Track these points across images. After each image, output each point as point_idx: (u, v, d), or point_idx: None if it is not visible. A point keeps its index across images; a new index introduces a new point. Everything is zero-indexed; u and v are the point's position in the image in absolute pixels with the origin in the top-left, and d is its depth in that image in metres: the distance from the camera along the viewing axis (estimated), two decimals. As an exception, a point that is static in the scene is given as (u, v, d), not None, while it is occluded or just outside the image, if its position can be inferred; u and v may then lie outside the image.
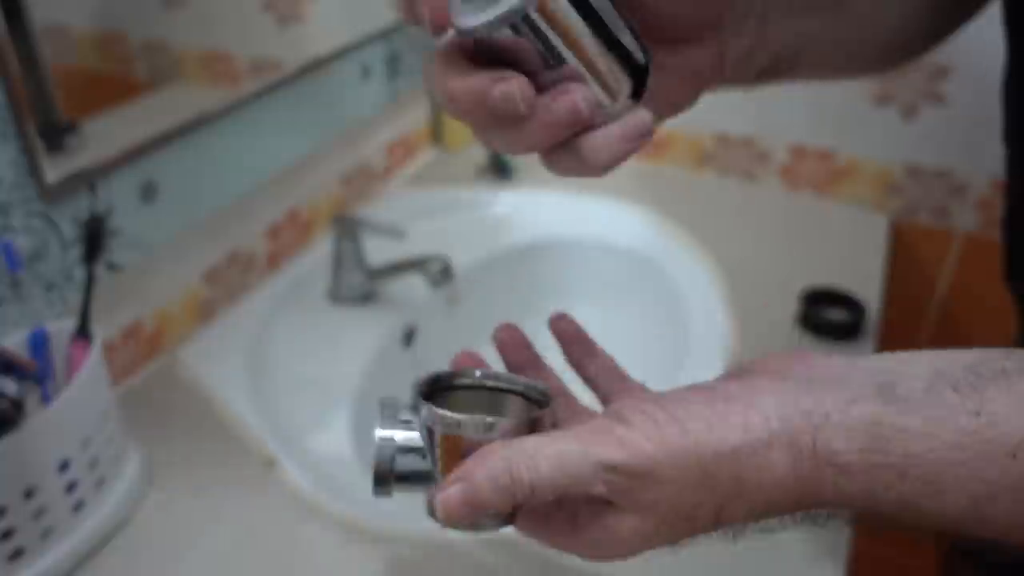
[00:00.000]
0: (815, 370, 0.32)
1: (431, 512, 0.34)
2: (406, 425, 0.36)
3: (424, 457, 0.35)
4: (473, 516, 0.32)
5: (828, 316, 0.81)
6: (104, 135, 0.65)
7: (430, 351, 0.91)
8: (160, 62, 0.72)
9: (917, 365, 0.30)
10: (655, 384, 0.40)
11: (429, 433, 0.35)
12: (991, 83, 0.93)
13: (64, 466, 0.54)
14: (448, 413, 0.34)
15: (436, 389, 0.38)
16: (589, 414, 0.38)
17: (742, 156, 1.09)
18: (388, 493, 0.36)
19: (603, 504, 0.32)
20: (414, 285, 0.87)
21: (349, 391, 0.75)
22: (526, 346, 0.40)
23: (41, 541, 0.54)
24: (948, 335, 1.08)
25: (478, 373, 0.39)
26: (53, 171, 0.60)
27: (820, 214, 1.04)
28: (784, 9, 0.45)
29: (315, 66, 0.86)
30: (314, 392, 0.75)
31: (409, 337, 0.88)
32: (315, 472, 0.66)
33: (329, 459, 0.68)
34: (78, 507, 0.56)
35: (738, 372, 0.35)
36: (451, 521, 0.32)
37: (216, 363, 0.76)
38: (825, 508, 0.31)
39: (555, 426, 0.36)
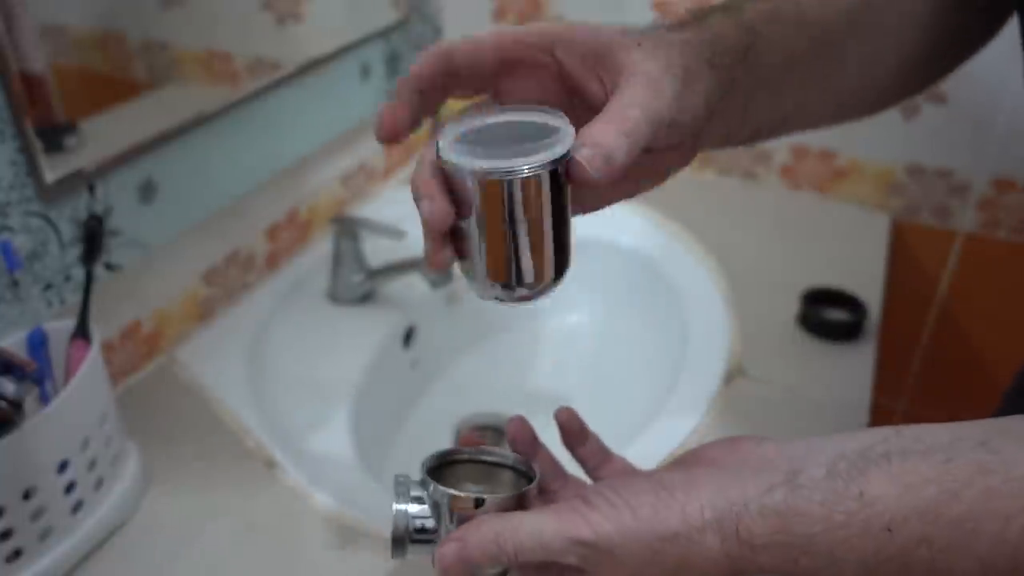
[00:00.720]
0: (746, 459, 0.40)
1: (435, 565, 0.41)
2: (416, 500, 0.44)
3: (432, 524, 0.43)
4: (467, 572, 0.39)
5: (829, 316, 0.81)
6: (103, 135, 0.65)
7: (430, 351, 0.91)
8: (159, 62, 0.72)
9: (821, 453, 0.36)
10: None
11: (435, 505, 0.43)
12: (991, 83, 0.93)
13: (63, 466, 0.54)
14: (450, 490, 0.42)
15: (441, 464, 0.47)
16: (581, 484, 0.47)
17: (743, 155, 1.08)
18: (403, 555, 0.43)
19: (578, 571, 0.39)
20: (414, 285, 0.87)
21: (349, 391, 0.75)
22: (532, 438, 0.47)
23: (40, 542, 0.54)
24: (948, 335, 1.08)
25: (474, 449, 0.47)
26: (52, 171, 0.60)
27: (821, 214, 1.04)
28: (767, 93, 0.47)
29: (314, 66, 0.86)
30: (314, 392, 0.75)
31: (408, 337, 0.88)
32: (315, 472, 0.66)
33: (329, 459, 0.68)
34: (77, 507, 0.56)
35: (682, 461, 0.43)
36: (447, 574, 0.40)
37: (215, 363, 0.76)
38: None
39: (543, 493, 0.46)
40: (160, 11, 0.71)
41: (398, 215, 0.92)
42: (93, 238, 0.63)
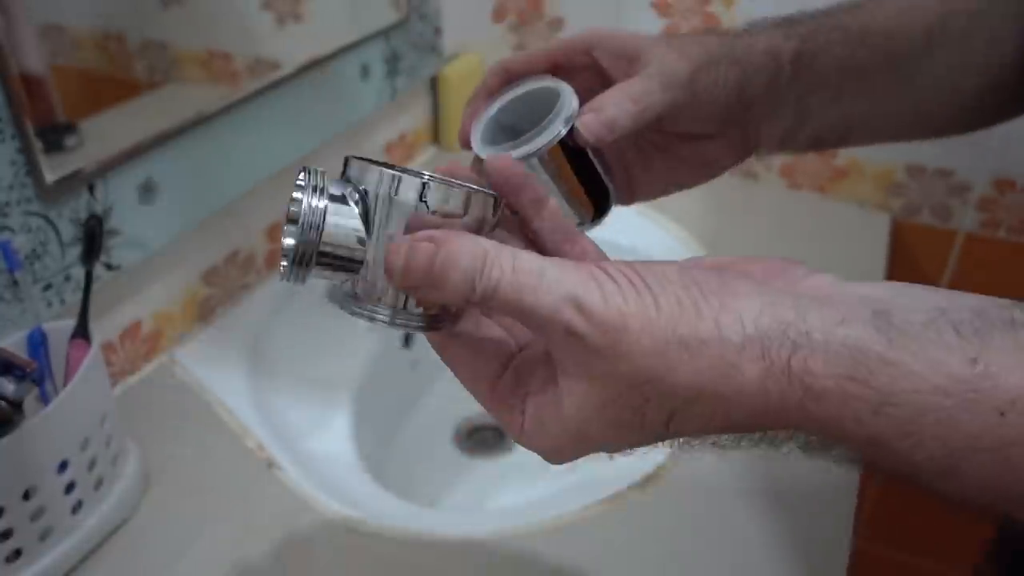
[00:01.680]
0: (801, 286, 0.30)
1: (351, 290, 0.31)
2: (336, 200, 0.31)
3: (356, 230, 0.30)
4: (424, 285, 0.29)
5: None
6: (103, 135, 0.65)
7: (430, 351, 0.91)
8: (159, 62, 0.72)
9: (918, 299, 0.29)
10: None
11: (373, 202, 0.30)
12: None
13: (63, 466, 0.54)
14: (415, 174, 0.30)
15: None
16: (599, 254, 0.36)
17: (743, 155, 1.08)
18: (303, 278, 0.31)
19: (553, 371, 0.30)
20: (414, 285, 0.87)
21: (349, 391, 0.75)
22: (521, 179, 0.35)
23: (40, 542, 0.54)
24: (949, 335, 1.07)
25: (436, 174, 0.34)
26: (52, 171, 0.60)
27: (821, 213, 1.04)
28: (828, 97, 0.48)
29: (314, 65, 0.86)
30: (314, 392, 0.75)
31: (408, 337, 0.88)
32: (315, 472, 0.66)
33: (329, 459, 0.68)
34: (77, 507, 0.56)
35: (716, 264, 0.32)
36: (405, 281, 0.29)
37: (215, 363, 0.76)
38: (785, 430, 0.29)
39: (543, 252, 0.34)
40: (160, 11, 0.71)
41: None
42: (93, 238, 0.63)
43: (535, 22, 1.12)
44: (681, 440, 0.30)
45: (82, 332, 0.59)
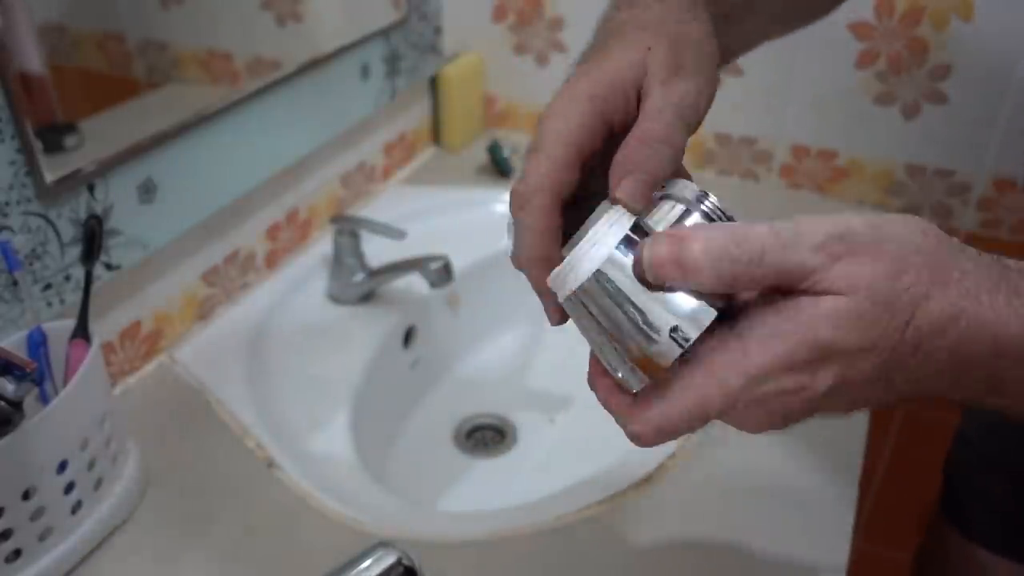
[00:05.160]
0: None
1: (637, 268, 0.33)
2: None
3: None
4: (681, 275, 0.31)
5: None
6: (102, 135, 0.65)
7: (430, 351, 0.91)
8: (159, 61, 0.72)
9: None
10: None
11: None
12: (991, 83, 0.93)
13: (62, 466, 0.54)
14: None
15: None
16: None
17: (744, 155, 1.08)
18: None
19: (787, 299, 0.32)
20: (414, 285, 0.87)
21: (349, 391, 0.75)
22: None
23: (39, 542, 0.54)
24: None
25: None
26: (52, 171, 0.60)
27: (821, 213, 1.03)
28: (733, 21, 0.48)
29: (314, 65, 0.86)
30: (314, 392, 0.75)
31: (408, 337, 0.88)
32: (315, 472, 0.66)
33: (329, 459, 0.68)
34: (77, 507, 0.56)
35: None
36: (657, 276, 0.32)
37: (215, 363, 0.76)
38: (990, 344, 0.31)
39: None
40: (160, 11, 0.71)
41: (398, 215, 0.92)
42: (93, 238, 0.63)
43: (535, 22, 1.12)
44: (915, 348, 0.32)
45: (82, 332, 0.59)
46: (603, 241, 0.34)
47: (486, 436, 0.87)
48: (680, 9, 0.41)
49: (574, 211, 0.37)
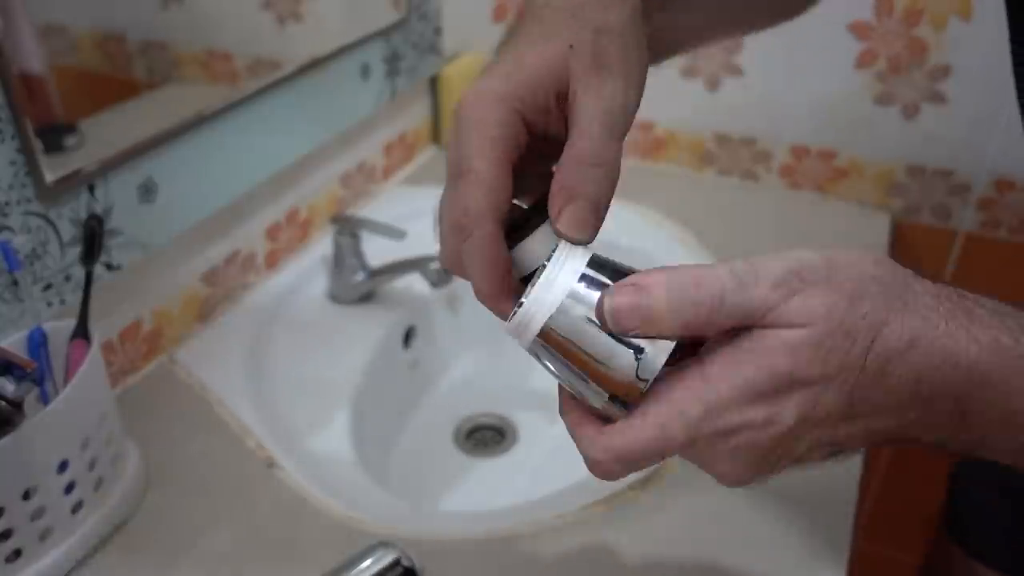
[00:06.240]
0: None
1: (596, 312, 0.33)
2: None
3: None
4: (643, 324, 0.31)
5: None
6: (103, 135, 0.65)
7: (430, 351, 0.91)
8: (159, 62, 0.72)
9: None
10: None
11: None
12: (991, 83, 0.93)
13: (63, 466, 0.54)
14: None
15: None
16: None
17: (743, 156, 1.08)
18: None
19: (747, 333, 0.32)
20: (414, 285, 0.87)
21: (349, 391, 0.75)
22: None
23: (40, 542, 0.54)
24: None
25: None
26: (52, 171, 0.60)
27: (821, 214, 1.04)
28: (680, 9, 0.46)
29: (314, 65, 0.86)
30: (314, 392, 0.75)
31: (408, 337, 0.88)
32: (315, 472, 0.66)
33: (329, 459, 0.68)
34: (77, 507, 0.56)
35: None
36: (619, 326, 0.32)
37: (215, 363, 0.76)
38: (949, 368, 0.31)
39: None
40: (160, 11, 0.71)
41: (398, 215, 0.92)
42: (93, 238, 0.63)
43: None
44: (878, 371, 0.32)
45: (82, 332, 0.59)
46: (555, 284, 0.33)
47: (486, 436, 0.88)
48: None
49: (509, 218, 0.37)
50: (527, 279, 0.36)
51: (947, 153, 0.99)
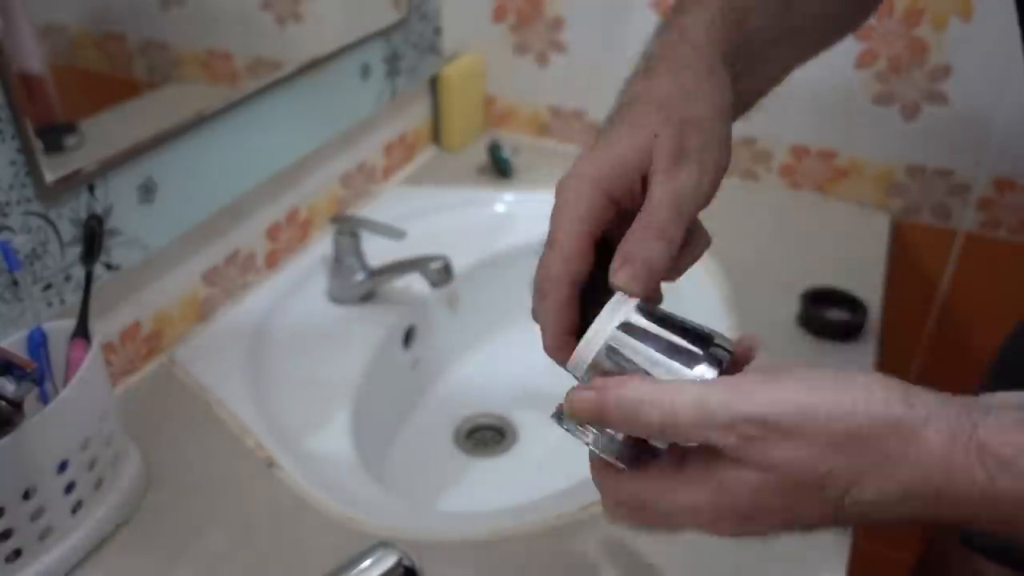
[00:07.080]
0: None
1: (559, 412, 0.37)
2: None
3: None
4: (594, 420, 0.35)
5: (829, 316, 0.81)
6: (103, 135, 0.65)
7: (430, 351, 0.91)
8: (159, 61, 0.72)
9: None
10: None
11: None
12: (991, 83, 0.93)
13: (63, 466, 0.54)
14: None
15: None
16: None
17: (743, 155, 1.08)
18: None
19: (718, 456, 0.33)
20: (414, 285, 0.87)
21: (348, 391, 0.75)
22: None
23: (40, 541, 0.54)
24: (949, 335, 1.08)
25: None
26: (52, 171, 0.60)
27: (821, 214, 1.04)
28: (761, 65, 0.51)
29: (314, 65, 0.86)
30: (314, 392, 0.75)
31: (408, 337, 0.88)
32: (315, 472, 0.66)
33: (329, 459, 0.68)
34: (77, 507, 0.56)
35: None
36: (575, 415, 0.35)
37: (215, 363, 0.76)
38: (961, 514, 0.30)
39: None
40: (160, 11, 0.71)
41: (398, 215, 0.92)
42: (93, 238, 0.63)
43: (535, 22, 1.12)
44: (850, 517, 0.32)
45: (82, 332, 0.59)
46: (603, 330, 0.37)
47: (486, 436, 0.88)
48: (697, 79, 0.42)
49: (590, 283, 0.41)
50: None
51: (947, 153, 0.99)
